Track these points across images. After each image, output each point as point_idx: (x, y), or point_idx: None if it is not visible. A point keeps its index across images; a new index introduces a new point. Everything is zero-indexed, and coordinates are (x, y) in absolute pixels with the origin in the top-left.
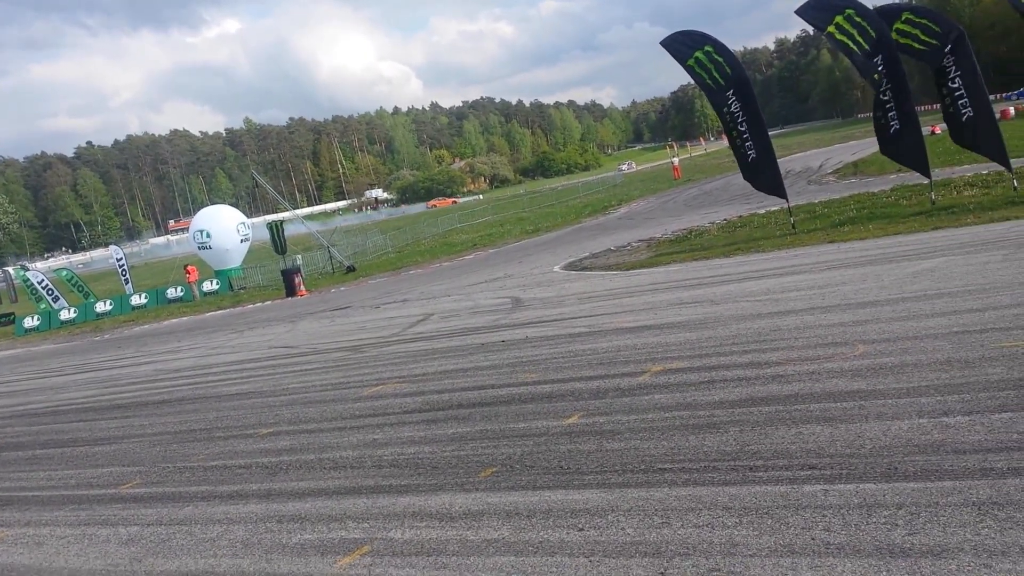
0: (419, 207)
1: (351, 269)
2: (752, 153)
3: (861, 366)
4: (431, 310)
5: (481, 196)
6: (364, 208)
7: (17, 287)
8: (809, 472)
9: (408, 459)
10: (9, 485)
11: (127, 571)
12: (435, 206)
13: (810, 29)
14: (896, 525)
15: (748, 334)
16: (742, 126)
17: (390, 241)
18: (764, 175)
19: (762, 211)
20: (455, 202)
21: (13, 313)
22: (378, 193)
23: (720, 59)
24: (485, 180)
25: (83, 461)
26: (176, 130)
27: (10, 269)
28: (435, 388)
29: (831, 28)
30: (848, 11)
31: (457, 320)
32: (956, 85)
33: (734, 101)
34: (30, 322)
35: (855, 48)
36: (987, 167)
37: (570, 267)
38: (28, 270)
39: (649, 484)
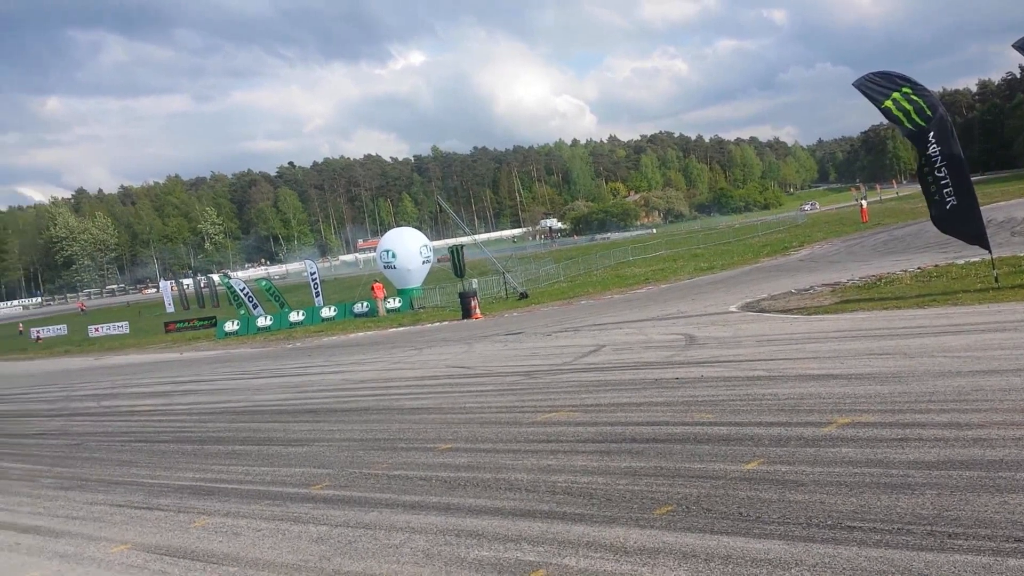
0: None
1: (524, 296)
2: (952, 200)
3: None
4: (603, 341)
5: (654, 230)
6: (538, 236)
7: (219, 293)
8: (1015, 545)
9: (582, 488)
10: (211, 476)
11: (316, 568)
12: None
13: (1016, 72)
14: None
15: (946, 392)
16: (941, 171)
17: (562, 270)
18: (964, 223)
19: (960, 261)
20: None
21: (215, 317)
22: (552, 223)
23: (919, 100)
24: (659, 214)
25: (278, 460)
26: (369, 155)
27: (215, 276)
28: (608, 420)
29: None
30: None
31: (629, 353)
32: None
33: (934, 144)
34: (230, 326)
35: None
36: None
37: (747, 307)
38: (231, 278)
39: (836, 541)
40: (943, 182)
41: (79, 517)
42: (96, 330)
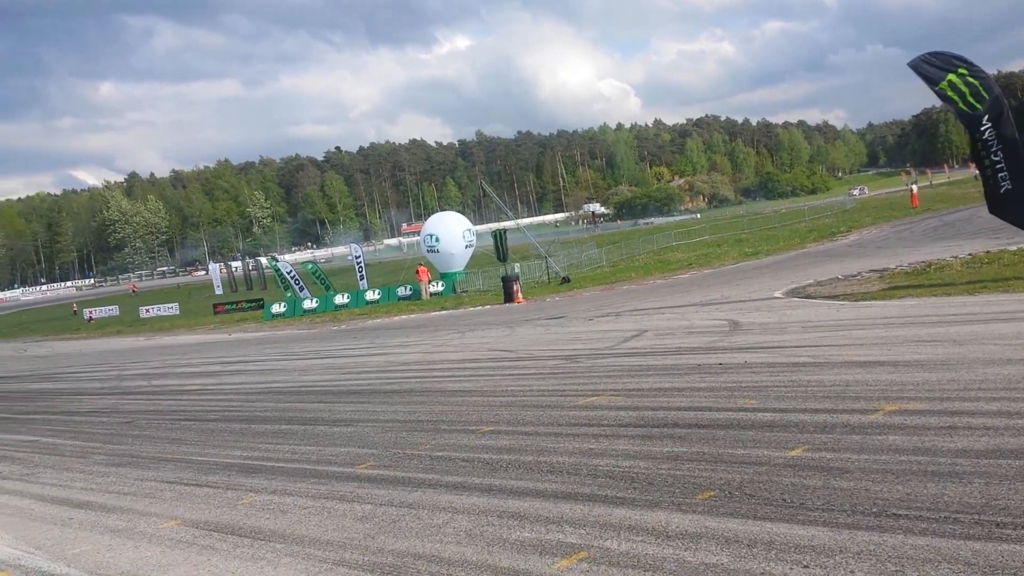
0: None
1: (566, 280)
2: (1006, 184)
3: None
4: (645, 326)
5: (699, 215)
6: (581, 221)
7: (267, 276)
8: None
9: (623, 472)
10: (258, 454)
11: (360, 546)
12: None
13: None
14: None
15: (996, 380)
16: (996, 155)
17: (605, 255)
18: (1019, 207)
19: (1013, 248)
20: None
21: (262, 299)
22: (595, 207)
23: (976, 82)
24: (704, 199)
25: (323, 439)
26: (414, 139)
27: (263, 259)
28: (649, 404)
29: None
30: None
31: (672, 339)
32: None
33: (989, 128)
34: (277, 308)
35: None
36: None
37: (792, 293)
38: (278, 261)
39: (882, 529)
40: (998, 166)
41: (130, 493)
42: (147, 311)
